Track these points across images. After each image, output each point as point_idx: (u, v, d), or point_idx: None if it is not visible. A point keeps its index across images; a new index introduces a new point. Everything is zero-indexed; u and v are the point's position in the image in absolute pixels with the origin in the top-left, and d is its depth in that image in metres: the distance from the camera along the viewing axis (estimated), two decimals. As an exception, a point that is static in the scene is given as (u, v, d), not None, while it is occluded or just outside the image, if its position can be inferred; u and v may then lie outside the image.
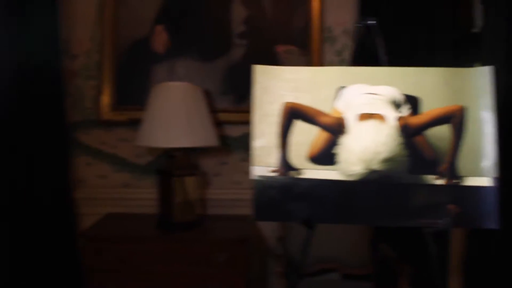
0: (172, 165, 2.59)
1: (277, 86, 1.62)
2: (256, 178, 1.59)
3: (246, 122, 2.88)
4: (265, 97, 1.61)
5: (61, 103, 2.77)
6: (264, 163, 1.59)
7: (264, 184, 1.58)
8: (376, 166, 1.53)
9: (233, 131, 2.95)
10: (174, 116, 2.48)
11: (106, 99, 2.90)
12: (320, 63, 2.91)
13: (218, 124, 2.85)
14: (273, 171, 1.59)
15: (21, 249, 2.71)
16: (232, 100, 2.93)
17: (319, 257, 2.66)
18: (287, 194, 1.57)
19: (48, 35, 2.70)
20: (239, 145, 2.95)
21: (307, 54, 2.91)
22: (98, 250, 2.49)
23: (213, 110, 2.81)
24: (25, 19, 2.62)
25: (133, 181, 2.96)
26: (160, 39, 2.91)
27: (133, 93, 2.91)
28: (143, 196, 2.91)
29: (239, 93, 2.91)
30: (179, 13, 2.92)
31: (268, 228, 2.93)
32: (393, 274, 2.59)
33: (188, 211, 2.61)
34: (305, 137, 1.59)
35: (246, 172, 2.95)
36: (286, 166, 1.59)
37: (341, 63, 2.95)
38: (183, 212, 2.59)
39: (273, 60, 2.89)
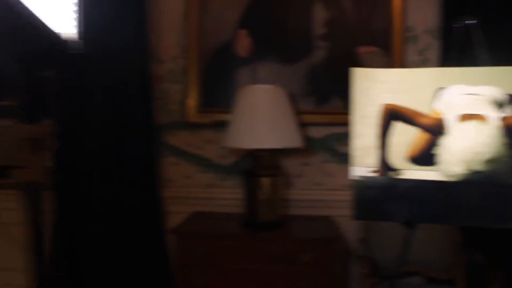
0: (257, 166, 2.66)
1: (375, 88, 1.63)
2: (355, 178, 1.61)
3: (328, 124, 2.93)
4: (364, 99, 1.63)
5: (150, 106, 2.91)
6: (363, 163, 1.61)
7: (363, 184, 1.60)
8: (478, 166, 1.52)
9: (315, 133, 2.97)
10: (261, 117, 2.55)
11: (191, 102, 3.02)
12: (402, 63, 2.89)
13: (300, 126, 2.89)
14: (373, 172, 1.61)
15: (114, 245, 2.88)
16: (314, 101, 2.96)
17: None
18: (387, 194, 1.59)
19: (139, 42, 2.85)
20: (321, 147, 2.98)
21: (389, 55, 2.90)
22: (187, 247, 2.59)
23: (296, 112, 2.86)
24: (119, 28, 2.78)
25: (218, 181, 3.06)
26: (243, 43, 2.99)
27: (217, 96, 3.01)
28: (227, 196, 3.00)
29: (321, 94, 2.94)
30: (261, 18, 2.99)
31: (350, 229, 2.93)
32: (482, 279, 2.52)
33: (272, 210, 2.67)
34: (404, 138, 1.60)
35: (328, 173, 2.98)
36: (385, 166, 1.60)
37: (423, 63, 2.91)
38: (267, 211, 2.65)
39: (354, 61, 2.89)
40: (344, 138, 2.94)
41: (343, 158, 2.95)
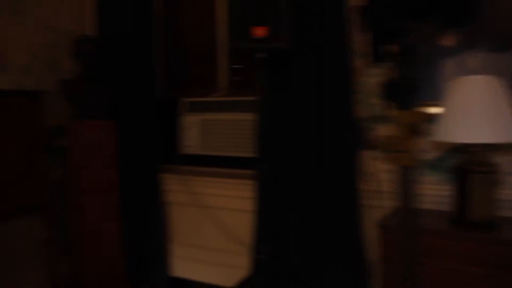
0: (470, 161, 2.52)
1: None
2: None
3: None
4: None
5: (350, 99, 2.95)
6: None
7: None
8: None
9: (533, 127, 2.70)
10: (475, 110, 2.40)
11: (392, 95, 2.97)
12: None
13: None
14: None
15: (311, 233, 3.00)
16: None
17: None
18: None
19: (341, 36, 2.91)
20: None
21: None
22: (392, 241, 2.57)
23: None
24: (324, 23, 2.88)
25: (419, 176, 2.96)
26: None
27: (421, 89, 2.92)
28: (428, 192, 2.88)
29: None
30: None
31: None
32: None
33: (484, 210, 2.50)
34: None
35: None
36: None
37: None
38: (479, 211, 2.50)
39: None
40: None
41: None
